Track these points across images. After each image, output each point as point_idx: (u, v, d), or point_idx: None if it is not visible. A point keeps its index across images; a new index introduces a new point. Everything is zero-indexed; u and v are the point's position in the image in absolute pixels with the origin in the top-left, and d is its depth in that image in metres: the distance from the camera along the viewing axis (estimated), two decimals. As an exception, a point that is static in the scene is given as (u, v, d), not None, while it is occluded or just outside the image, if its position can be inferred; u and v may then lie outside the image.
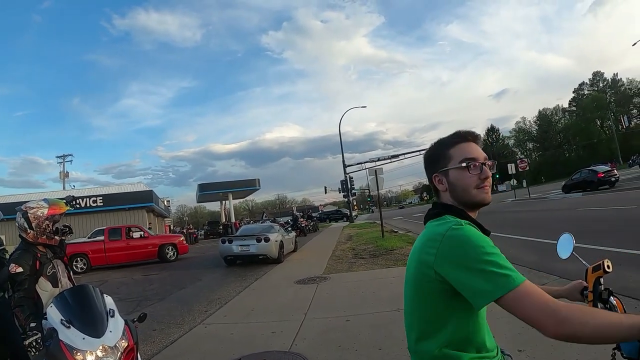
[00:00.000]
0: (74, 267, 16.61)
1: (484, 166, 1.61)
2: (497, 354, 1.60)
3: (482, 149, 1.66)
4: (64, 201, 3.90)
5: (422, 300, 1.53)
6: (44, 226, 3.60)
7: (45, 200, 3.78)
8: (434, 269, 1.44)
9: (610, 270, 1.67)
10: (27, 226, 3.57)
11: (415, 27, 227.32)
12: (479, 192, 1.61)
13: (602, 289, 1.71)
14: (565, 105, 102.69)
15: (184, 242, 21.66)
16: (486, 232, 1.57)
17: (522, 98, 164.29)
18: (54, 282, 3.62)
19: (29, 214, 3.57)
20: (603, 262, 1.70)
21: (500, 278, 1.30)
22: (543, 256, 9.08)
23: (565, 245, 2.05)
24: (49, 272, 3.61)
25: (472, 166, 1.60)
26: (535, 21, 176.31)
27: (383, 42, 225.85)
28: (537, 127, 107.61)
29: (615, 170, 33.84)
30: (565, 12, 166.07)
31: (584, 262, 1.85)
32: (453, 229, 1.44)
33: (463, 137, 1.68)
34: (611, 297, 1.70)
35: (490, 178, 1.64)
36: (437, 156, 1.69)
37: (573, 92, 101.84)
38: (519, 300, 1.27)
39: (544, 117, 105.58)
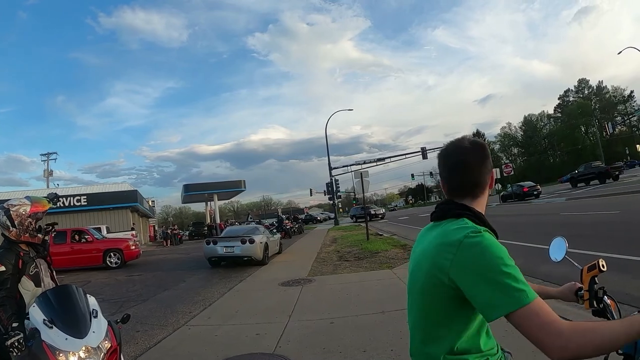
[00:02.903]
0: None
1: None
2: (497, 351, 1.61)
3: None
4: (47, 199, 3.85)
5: (431, 303, 1.52)
6: (26, 224, 3.55)
7: (27, 197, 3.73)
8: (449, 275, 1.42)
9: (605, 269, 1.71)
10: (9, 224, 3.53)
11: (402, 32, 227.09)
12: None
13: (597, 288, 1.74)
14: (551, 111, 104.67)
15: (133, 247, 19.86)
16: (496, 235, 1.55)
17: (507, 103, 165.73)
18: (37, 281, 3.58)
19: (11, 212, 3.53)
20: (598, 262, 1.74)
21: (516, 292, 1.29)
22: (527, 260, 9.16)
23: (558, 249, 2.07)
24: (31, 272, 3.56)
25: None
26: (521, 27, 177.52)
27: (369, 45, 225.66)
28: (522, 133, 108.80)
29: (538, 186, 42.04)
30: (551, 19, 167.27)
31: (576, 265, 1.88)
32: (471, 236, 1.42)
33: None
34: (605, 296, 1.74)
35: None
36: (490, 157, 1.70)
37: (558, 98, 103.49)
38: (528, 318, 1.27)
39: (529, 123, 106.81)
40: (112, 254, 18.88)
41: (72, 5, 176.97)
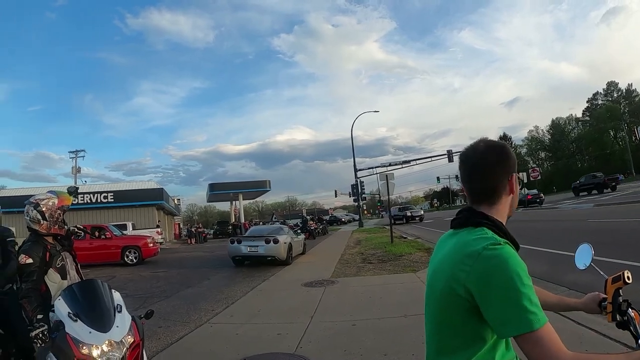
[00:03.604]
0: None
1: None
2: None
3: None
4: (68, 192, 3.98)
5: (446, 313, 1.49)
6: (56, 216, 3.64)
7: (51, 192, 3.81)
8: (465, 287, 1.39)
9: (630, 281, 1.66)
10: (40, 218, 3.59)
11: (427, 33, 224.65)
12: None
13: (621, 300, 1.68)
14: (579, 114, 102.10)
15: (151, 244, 20.10)
16: (517, 246, 1.52)
17: (534, 106, 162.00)
18: (63, 274, 3.63)
19: (41, 205, 3.60)
20: (623, 273, 1.68)
21: (529, 315, 1.27)
22: (553, 267, 9.01)
23: (583, 256, 2.02)
24: (58, 265, 3.62)
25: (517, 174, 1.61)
26: (549, 29, 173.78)
27: (394, 47, 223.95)
28: (549, 137, 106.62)
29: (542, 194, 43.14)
30: (579, 20, 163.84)
31: (602, 273, 1.82)
32: (490, 248, 1.37)
33: None
34: (629, 309, 1.68)
35: None
36: (512, 159, 1.61)
37: (587, 101, 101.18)
38: (536, 343, 1.25)
39: (557, 127, 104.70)
40: (130, 251, 19.09)
41: (99, 7, 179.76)
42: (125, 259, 18.83)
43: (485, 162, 1.57)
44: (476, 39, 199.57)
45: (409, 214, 44.76)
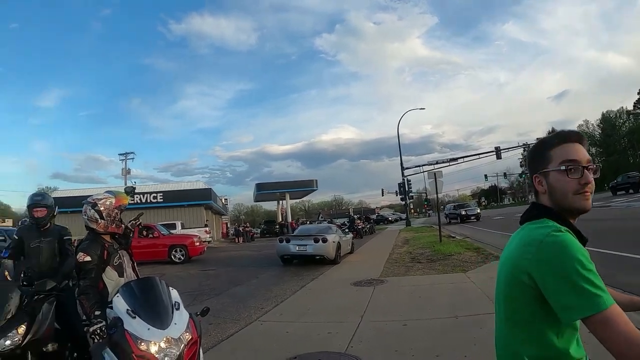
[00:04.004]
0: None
1: (585, 170, 1.52)
2: None
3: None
4: (125, 192, 4.08)
5: (513, 306, 1.50)
6: (113, 215, 3.73)
7: (109, 192, 3.91)
8: (528, 274, 1.40)
9: None
10: (97, 217, 3.69)
11: (470, 27, 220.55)
12: (579, 198, 1.53)
13: None
14: (630, 107, 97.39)
15: (198, 243, 20.64)
16: (584, 240, 1.51)
17: (583, 100, 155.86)
18: (120, 272, 3.71)
19: (98, 205, 3.70)
20: None
21: (592, 297, 1.27)
22: (609, 268, 8.70)
23: None
24: (115, 263, 3.71)
25: (572, 169, 1.52)
26: (595, 18, 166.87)
27: (438, 43, 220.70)
28: (600, 131, 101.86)
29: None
30: (626, 8, 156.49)
31: None
32: (552, 234, 1.39)
33: (566, 137, 1.59)
34: None
35: (592, 184, 1.54)
36: (538, 156, 1.62)
37: (638, 93, 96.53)
38: (605, 324, 1.25)
39: (607, 120, 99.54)
40: (177, 250, 19.56)
41: (142, 14, 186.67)
42: (172, 257, 19.32)
43: (528, 157, 1.71)
44: (521, 31, 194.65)
45: (463, 212, 40.18)
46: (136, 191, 5.62)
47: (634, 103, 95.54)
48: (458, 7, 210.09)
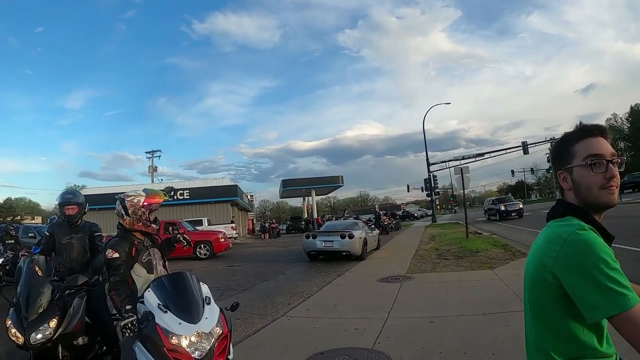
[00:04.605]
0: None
1: (610, 164, 1.51)
2: None
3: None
4: (163, 192, 4.08)
5: (539, 304, 1.50)
6: (139, 213, 3.77)
7: (144, 190, 3.97)
8: (552, 272, 1.40)
9: None
10: (123, 212, 3.76)
11: (494, 20, 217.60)
12: (604, 192, 1.52)
13: None
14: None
15: (222, 239, 20.66)
16: (610, 237, 1.51)
17: (611, 93, 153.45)
18: (149, 268, 3.77)
19: (126, 201, 3.76)
20: None
21: (617, 296, 1.27)
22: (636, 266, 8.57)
23: None
24: (144, 259, 3.76)
25: (596, 164, 1.51)
26: (622, 8, 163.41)
27: (461, 36, 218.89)
28: (629, 125, 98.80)
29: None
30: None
31: None
32: (577, 233, 1.38)
33: (589, 131, 1.58)
34: None
35: (618, 177, 1.53)
36: (562, 152, 1.61)
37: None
38: (631, 322, 1.26)
39: (636, 114, 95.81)
40: (202, 246, 19.78)
41: (166, 15, 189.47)
42: (198, 253, 19.51)
43: (551, 155, 1.71)
44: (546, 23, 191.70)
45: (502, 207, 33.91)
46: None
47: None
48: (481, 0, 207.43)
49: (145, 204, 3.81)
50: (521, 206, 34.59)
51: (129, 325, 2.97)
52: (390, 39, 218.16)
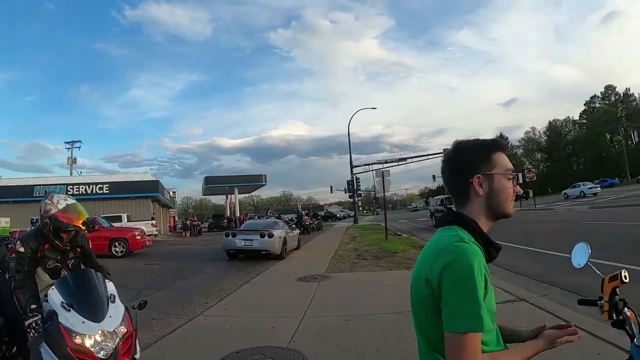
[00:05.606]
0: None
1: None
2: None
3: None
4: (85, 219, 3.71)
5: (421, 314, 1.50)
6: (44, 221, 3.55)
7: (68, 202, 3.63)
8: (428, 281, 1.41)
9: (627, 280, 1.67)
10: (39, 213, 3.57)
11: (426, 31, 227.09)
12: (511, 204, 1.59)
13: (618, 299, 1.70)
14: (576, 117, 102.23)
15: (139, 237, 19.76)
16: (496, 248, 1.55)
17: (531, 108, 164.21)
18: (54, 275, 3.58)
19: (44, 202, 3.55)
20: (620, 272, 1.69)
21: (476, 317, 1.29)
22: (549, 268, 9.05)
23: (579, 255, 2.02)
24: (50, 266, 3.58)
25: (514, 178, 1.58)
26: (547, 31, 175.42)
27: (393, 44, 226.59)
28: (546, 138, 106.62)
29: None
30: (578, 23, 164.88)
31: (598, 273, 1.83)
32: (455, 245, 1.39)
33: (503, 147, 1.63)
34: (626, 308, 1.70)
35: None
36: (481, 158, 1.57)
37: (584, 104, 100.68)
38: (459, 347, 1.29)
39: (553, 128, 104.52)
40: (117, 243, 18.95)
41: None
42: (113, 251, 18.67)
43: (450, 164, 1.62)
44: (475, 38, 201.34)
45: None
46: (81, 182, 5.40)
47: (580, 113, 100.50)
48: (415, 11, 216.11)
49: (52, 216, 3.50)
50: None
51: (33, 324, 2.84)
52: (322, 42, 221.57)
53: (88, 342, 2.72)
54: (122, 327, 2.91)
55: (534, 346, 1.55)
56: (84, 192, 37.61)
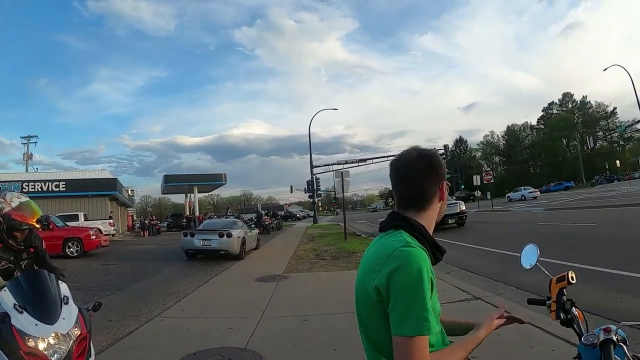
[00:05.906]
0: None
1: None
2: None
3: (450, 160, 1.69)
4: (40, 216, 3.64)
5: (367, 316, 1.52)
6: None
7: (21, 199, 3.54)
8: (375, 287, 1.42)
9: (574, 281, 1.77)
10: None
11: (389, 35, 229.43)
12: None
13: (565, 299, 1.79)
14: (534, 122, 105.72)
15: (94, 236, 19.15)
16: (442, 251, 1.59)
17: (491, 112, 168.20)
18: (6, 276, 3.51)
19: None
20: (567, 274, 1.79)
21: (423, 320, 1.32)
22: (504, 267, 9.29)
23: (529, 256, 2.11)
24: (2, 267, 3.51)
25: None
26: (509, 39, 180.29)
27: (356, 47, 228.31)
28: (504, 142, 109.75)
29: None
30: (539, 32, 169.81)
31: (547, 273, 1.92)
32: (401, 249, 1.41)
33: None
34: (573, 307, 1.80)
35: None
36: (442, 165, 1.65)
37: (542, 110, 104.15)
38: (408, 350, 1.31)
39: (512, 133, 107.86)
40: (71, 243, 18.35)
41: None
42: (67, 251, 18.10)
43: (416, 170, 1.59)
44: (437, 44, 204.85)
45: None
46: (36, 179, 5.25)
47: (538, 119, 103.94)
48: (379, 15, 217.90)
49: (6, 214, 3.41)
50: (463, 208, 23.05)
51: None
52: (286, 41, 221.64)
53: (41, 345, 2.68)
54: (76, 329, 2.88)
55: (475, 337, 1.61)
56: (39, 189, 36.48)
